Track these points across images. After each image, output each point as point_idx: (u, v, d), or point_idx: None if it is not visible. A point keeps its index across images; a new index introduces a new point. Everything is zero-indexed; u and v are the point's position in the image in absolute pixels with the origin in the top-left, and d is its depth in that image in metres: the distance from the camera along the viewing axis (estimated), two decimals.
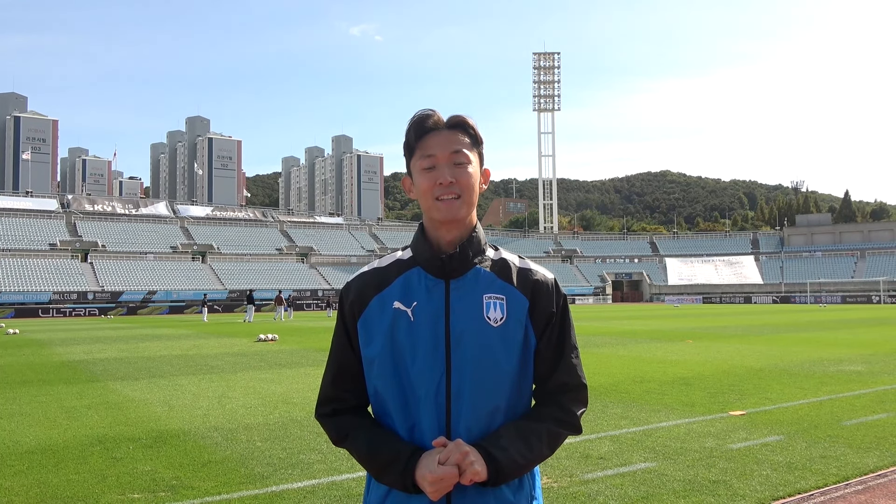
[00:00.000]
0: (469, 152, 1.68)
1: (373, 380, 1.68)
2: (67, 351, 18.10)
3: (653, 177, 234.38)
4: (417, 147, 1.70)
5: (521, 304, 1.68)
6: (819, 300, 68.64)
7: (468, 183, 1.66)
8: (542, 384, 1.72)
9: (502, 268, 1.71)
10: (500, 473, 1.55)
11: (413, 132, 1.71)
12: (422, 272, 1.69)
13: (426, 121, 1.70)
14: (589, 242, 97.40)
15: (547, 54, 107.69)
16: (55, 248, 63.61)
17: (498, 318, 1.65)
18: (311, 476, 5.47)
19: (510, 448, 1.57)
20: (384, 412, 1.68)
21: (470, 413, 1.61)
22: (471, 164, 1.68)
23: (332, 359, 1.77)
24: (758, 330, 24.01)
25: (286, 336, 23.28)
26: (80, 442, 6.80)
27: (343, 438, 1.70)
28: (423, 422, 1.62)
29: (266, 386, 10.82)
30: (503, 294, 1.67)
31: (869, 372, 11.69)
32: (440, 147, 1.67)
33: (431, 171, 1.67)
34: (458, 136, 1.69)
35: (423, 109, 1.73)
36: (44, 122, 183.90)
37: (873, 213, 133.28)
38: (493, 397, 1.63)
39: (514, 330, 1.65)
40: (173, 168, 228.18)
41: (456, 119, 1.72)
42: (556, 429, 1.66)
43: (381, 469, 1.61)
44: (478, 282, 1.68)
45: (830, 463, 5.70)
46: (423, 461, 1.54)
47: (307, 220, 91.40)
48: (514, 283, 1.70)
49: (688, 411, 8.11)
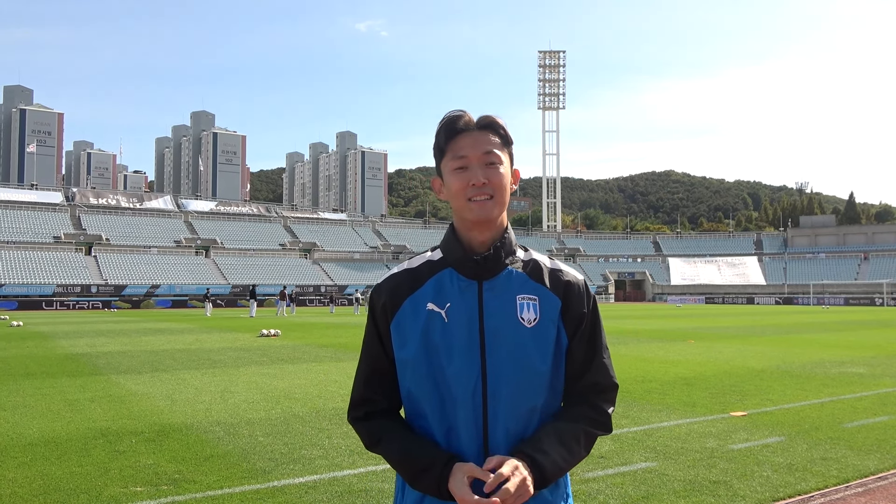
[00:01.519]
0: (500, 152, 1.69)
1: (406, 382, 1.68)
2: (71, 344, 18.16)
3: (657, 176, 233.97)
4: (448, 148, 1.70)
5: (553, 305, 1.69)
6: (822, 302, 68.51)
7: (500, 183, 1.67)
8: (574, 383, 1.72)
9: (534, 269, 1.73)
10: (545, 479, 1.56)
11: (444, 133, 1.71)
12: (454, 273, 1.69)
13: (457, 122, 1.70)
14: (592, 241, 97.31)
15: (552, 52, 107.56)
16: (59, 240, 63.75)
17: (531, 318, 1.66)
18: (312, 471, 5.49)
19: (553, 453, 1.58)
20: (419, 414, 1.68)
21: (507, 414, 1.62)
22: (502, 165, 1.68)
23: (364, 361, 1.77)
24: (760, 331, 23.98)
25: (289, 332, 23.32)
26: (83, 435, 6.83)
27: (376, 443, 1.70)
28: (460, 423, 1.62)
29: (268, 381, 10.85)
30: (536, 295, 1.68)
31: (871, 374, 11.68)
32: (472, 148, 1.67)
33: (463, 171, 1.67)
34: (489, 136, 1.69)
35: (453, 110, 1.73)
36: (49, 115, 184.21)
37: (878, 216, 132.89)
38: (530, 397, 1.64)
39: (547, 330, 1.67)
40: (178, 162, 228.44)
41: (486, 119, 1.72)
42: (592, 430, 1.68)
43: (416, 475, 1.61)
44: (511, 283, 1.68)
45: (831, 465, 5.70)
46: (457, 471, 1.54)
47: (311, 215, 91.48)
48: (547, 284, 1.71)
49: (689, 411, 8.12)
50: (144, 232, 70.29)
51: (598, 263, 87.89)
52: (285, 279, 64.99)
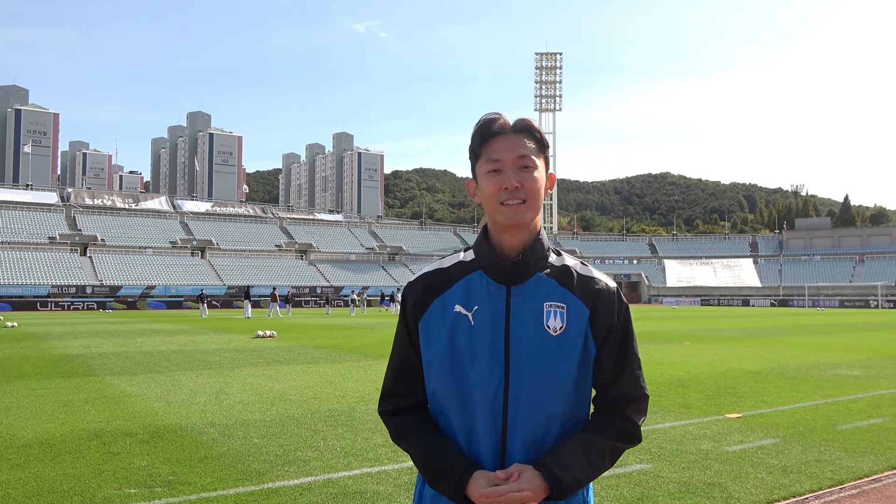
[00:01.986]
0: (535, 157, 1.68)
1: (432, 381, 1.70)
2: (65, 345, 18.10)
3: (653, 178, 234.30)
4: (483, 151, 1.69)
5: (581, 314, 1.67)
6: (817, 304, 68.73)
7: (534, 188, 1.66)
8: (604, 393, 1.72)
9: (564, 275, 1.71)
10: (562, 492, 1.57)
11: (479, 136, 1.70)
12: (483, 276, 1.69)
13: (492, 125, 1.70)
14: (588, 243, 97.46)
15: (549, 54, 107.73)
16: (54, 241, 63.59)
17: (557, 326, 1.65)
18: (307, 473, 5.48)
19: (572, 466, 1.58)
20: (442, 413, 1.70)
21: (527, 420, 1.62)
22: (537, 169, 1.68)
23: (394, 356, 1.80)
24: (755, 333, 24.03)
25: (284, 333, 23.29)
26: (77, 436, 6.81)
27: (402, 438, 1.73)
28: (480, 426, 1.63)
29: (263, 382, 10.83)
30: (564, 302, 1.67)
31: (865, 376, 11.71)
32: (506, 151, 1.66)
33: (497, 175, 1.66)
34: (524, 140, 1.68)
35: (489, 113, 1.73)
36: (45, 116, 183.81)
37: (872, 218, 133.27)
38: (551, 405, 1.64)
39: (573, 339, 1.65)
40: (174, 163, 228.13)
41: (522, 123, 1.71)
42: (619, 444, 1.68)
43: (435, 478, 1.63)
44: (539, 289, 1.67)
45: (825, 467, 5.72)
46: (474, 480, 1.56)
47: (307, 216, 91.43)
48: (575, 292, 1.69)
49: (684, 413, 8.13)
50: (140, 232, 70.14)
51: (594, 265, 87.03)
52: (281, 280, 64.92)
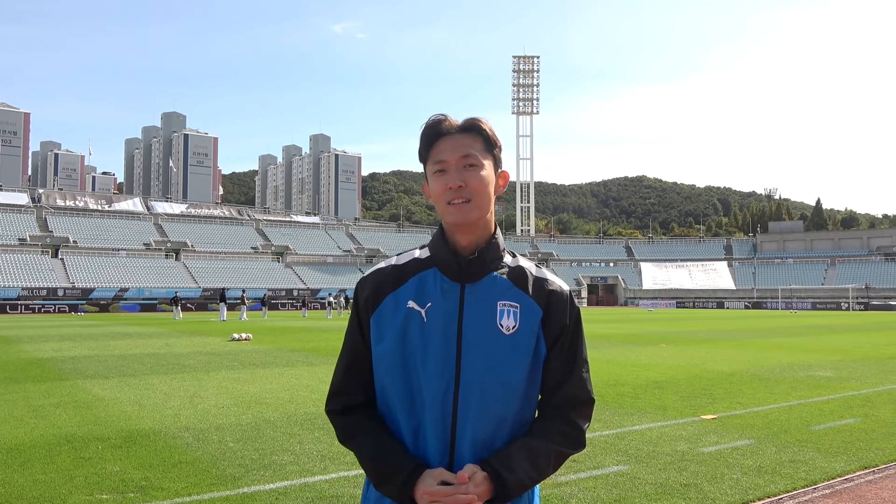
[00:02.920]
0: (481, 155, 1.67)
1: (381, 377, 1.68)
2: (36, 348, 17.78)
3: (629, 182, 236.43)
4: (430, 153, 1.69)
5: (534, 314, 1.67)
6: (790, 306, 69.71)
7: (479, 186, 1.64)
8: (550, 396, 1.71)
9: (518, 275, 1.70)
10: (507, 495, 1.56)
11: (425, 138, 1.70)
12: (438, 273, 1.69)
13: (438, 126, 1.69)
14: (565, 246, 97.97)
15: (526, 58, 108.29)
16: (25, 242, 62.46)
17: (510, 325, 1.64)
18: (283, 477, 5.43)
19: (518, 470, 1.58)
20: (389, 410, 1.68)
21: (476, 420, 1.61)
22: (483, 168, 1.66)
23: (345, 351, 1.77)
24: (730, 335, 24.31)
25: (260, 336, 23.09)
26: (48, 441, 6.67)
27: (349, 439, 1.71)
28: (428, 424, 1.62)
29: (239, 386, 10.71)
30: (517, 302, 1.67)
31: (837, 378, 11.89)
32: (451, 151, 1.66)
33: (443, 175, 1.66)
34: (469, 139, 1.67)
35: (435, 115, 1.72)
36: (15, 115, 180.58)
37: (843, 222, 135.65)
38: (501, 406, 1.63)
39: (525, 339, 1.65)
40: (148, 164, 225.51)
41: (468, 122, 1.71)
42: (565, 449, 1.67)
43: (382, 479, 1.61)
44: (493, 288, 1.67)
45: (799, 467, 5.78)
46: (423, 479, 1.54)
47: (283, 218, 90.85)
48: (530, 292, 1.69)
49: (660, 415, 8.18)
50: (113, 234, 69.15)
51: (571, 268, 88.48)
52: (257, 283, 64.42)
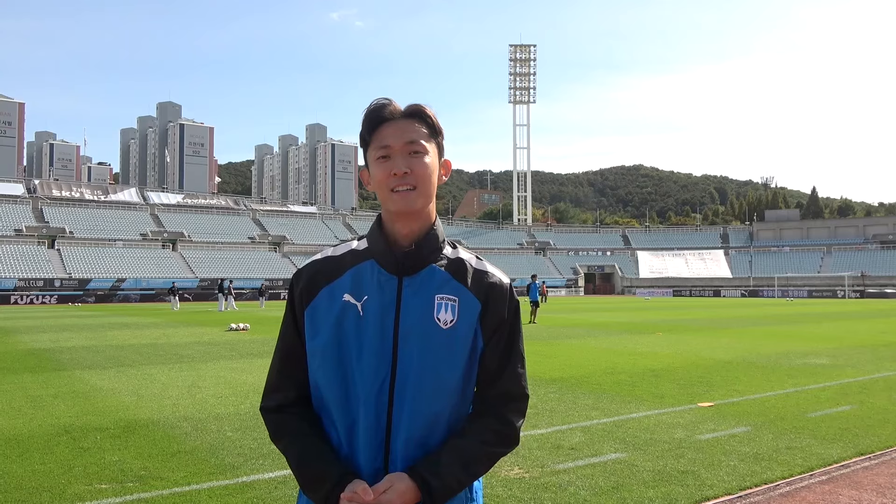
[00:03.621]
0: (426, 142, 1.62)
1: (315, 372, 1.64)
2: (33, 339, 17.76)
3: (626, 171, 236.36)
4: (372, 138, 1.64)
5: (473, 308, 1.63)
6: (786, 294, 69.90)
7: (423, 173, 1.60)
8: (484, 390, 1.67)
9: (458, 268, 1.66)
10: (435, 499, 1.52)
11: (368, 122, 1.64)
12: (375, 266, 1.64)
13: (381, 110, 1.63)
14: (562, 235, 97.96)
15: (523, 46, 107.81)
16: (21, 233, 62.24)
17: (448, 319, 1.60)
18: (282, 466, 5.44)
19: (447, 475, 1.54)
20: (323, 407, 1.64)
21: (411, 417, 1.57)
22: (427, 155, 1.62)
23: (279, 347, 1.73)
24: (726, 323, 24.38)
25: (258, 325, 23.10)
26: (46, 432, 6.68)
27: (278, 439, 1.66)
28: (362, 421, 1.58)
29: (237, 375, 10.72)
30: (456, 295, 1.62)
31: (833, 365, 11.93)
32: (395, 137, 1.60)
33: (386, 161, 1.61)
34: (414, 125, 1.63)
35: (378, 98, 1.66)
36: (10, 105, 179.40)
37: (839, 210, 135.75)
38: (436, 402, 1.59)
39: (463, 333, 1.61)
40: (143, 154, 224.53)
41: (412, 108, 1.65)
42: (497, 449, 1.63)
43: (308, 484, 1.58)
44: (431, 281, 1.63)
45: (796, 454, 5.81)
46: (349, 489, 1.50)
47: (280, 208, 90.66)
48: (468, 285, 1.64)
49: (658, 403, 8.21)
50: (109, 225, 68.93)
51: (569, 257, 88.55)
52: (254, 273, 64.40)
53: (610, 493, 4.79)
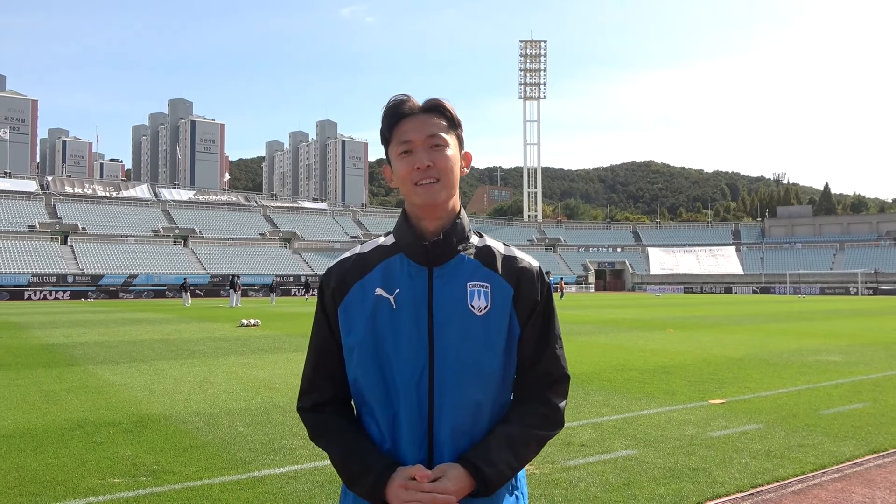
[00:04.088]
0: (446, 135, 1.65)
1: (353, 369, 1.65)
2: (46, 334, 17.91)
3: (637, 167, 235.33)
4: (393, 134, 1.66)
5: (505, 292, 1.64)
6: (798, 291, 69.44)
7: (446, 166, 1.62)
8: (525, 374, 1.68)
9: (487, 255, 1.68)
10: (488, 488, 1.54)
11: (388, 119, 1.67)
12: (404, 259, 1.65)
13: (400, 106, 1.66)
14: (572, 231, 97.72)
15: (533, 42, 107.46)
16: (34, 230, 62.73)
17: (482, 306, 1.61)
18: (293, 461, 5.46)
19: (499, 461, 1.55)
20: (364, 402, 1.65)
21: (453, 406, 1.58)
22: (449, 147, 1.64)
23: (313, 346, 1.74)
24: (738, 320, 24.26)
25: (269, 321, 23.20)
26: (60, 426, 6.74)
27: (319, 437, 1.68)
28: (403, 413, 1.58)
29: (248, 371, 10.78)
30: (487, 282, 1.64)
31: (846, 362, 11.85)
32: (416, 131, 1.63)
33: (408, 156, 1.63)
34: (433, 119, 1.65)
35: (396, 95, 1.69)
36: (23, 102, 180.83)
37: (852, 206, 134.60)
38: (477, 390, 1.60)
39: (498, 318, 1.62)
40: (155, 151, 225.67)
41: (431, 102, 1.67)
42: (544, 432, 1.65)
43: (352, 479, 1.58)
44: (462, 269, 1.64)
45: (808, 451, 5.78)
46: (395, 477, 1.51)
47: (291, 205, 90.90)
48: (499, 271, 1.66)
49: (668, 399, 8.19)
50: (121, 221, 69.36)
51: (579, 253, 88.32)
52: (265, 269, 64.65)
53: (620, 489, 4.78)
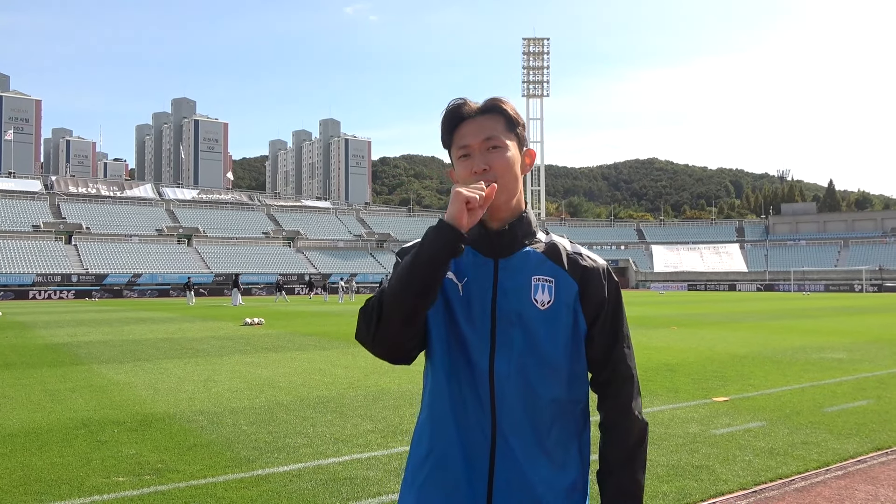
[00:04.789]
0: (504, 136, 1.66)
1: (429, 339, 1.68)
2: (51, 333, 17.97)
3: (640, 164, 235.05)
4: (453, 139, 1.68)
5: (570, 288, 1.65)
6: (802, 288, 69.27)
7: (504, 167, 1.63)
8: (597, 373, 1.71)
9: (552, 250, 1.69)
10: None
11: (447, 124, 1.69)
12: (470, 249, 1.66)
13: (459, 110, 1.68)
14: (576, 229, 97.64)
15: (536, 40, 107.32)
16: (38, 229, 62.94)
17: (546, 300, 1.62)
18: (296, 460, 5.48)
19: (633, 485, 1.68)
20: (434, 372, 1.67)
21: (514, 397, 1.59)
22: (507, 149, 1.65)
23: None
24: (741, 317, 24.22)
25: (273, 320, 23.23)
26: (65, 425, 6.76)
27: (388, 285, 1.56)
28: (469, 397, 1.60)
29: (252, 370, 10.80)
30: (552, 276, 1.65)
31: (850, 360, 11.83)
32: (473, 135, 1.65)
33: (467, 160, 1.65)
34: (491, 121, 1.66)
35: (455, 99, 1.71)
36: (27, 102, 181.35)
37: (857, 203, 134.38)
38: (540, 383, 1.61)
39: (562, 314, 1.63)
40: (159, 150, 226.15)
41: (489, 103, 1.69)
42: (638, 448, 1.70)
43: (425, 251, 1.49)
44: (527, 263, 1.65)
45: (811, 449, 5.78)
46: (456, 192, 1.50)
47: (294, 203, 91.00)
48: (565, 267, 1.67)
49: (672, 397, 8.19)
50: (125, 220, 69.55)
51: None
52: (269, 268, 64.78)
53: None
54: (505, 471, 1.57)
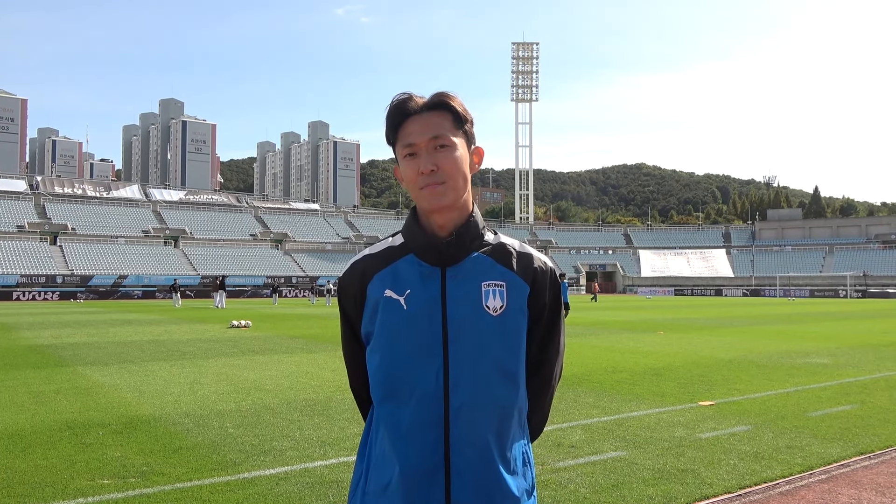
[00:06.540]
0: (451, 134, 1.57)
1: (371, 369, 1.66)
2: (35, 335, 17.80)
3: (628, 169, 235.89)
4: (398, 135, 1.60)
5: (521, 291, 1.60)
6: (788, 294, 69.82)
7: (452, 167, 1.56)
8: (529, 377, 1.65)
9: (502, 253, 1.62)
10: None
11: (391, 119, 1.60)
12: (415, 259, 1.60)
13: (404, 105, 1.59)
14: (564, 233, 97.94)
15: (526, 44, 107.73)
16: (23, 230, 62.35)
17: (497, 306, 1.57)
18: (283, 463, 5.46)
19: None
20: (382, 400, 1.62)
21: (470, 409, 1.53)
22: (455, 148, 1.57)
23: (345, 357, 1.76)
24: (728, 322, 24.37)
25: (259, 323, 23.13)
26: (49, 427, 6.71)
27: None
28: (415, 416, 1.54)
29: (238, 372, 10.75)
30: (503, 280, 1.59)
31: (834, 364, 11.93)
32: (419, 133, 1.56)
33: (413, 159, 1.57)
34: (438, 117, 1.58)
35: (399, 94, 1.62)
36: (12, 101, 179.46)
37: (842, 210, 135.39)
38: (497, 392, 1.56)
39: (514, 318, 1.58)
40: (146, 151, 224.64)
41: (436, 99, 1.60)
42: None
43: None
44: (476, 268, 1.59)
45: (796, 453, 5.82)
46: None
47: (282, 206, 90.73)
48: (515, 269, 1.61)
49: (658, 401, 8.22)
50: (112, 221, 69.04)
51: (570, 255, 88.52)
52: (256, 270, 64.52)
53: (610, 490, 4.80)
54: (462, 483, 1.52)
